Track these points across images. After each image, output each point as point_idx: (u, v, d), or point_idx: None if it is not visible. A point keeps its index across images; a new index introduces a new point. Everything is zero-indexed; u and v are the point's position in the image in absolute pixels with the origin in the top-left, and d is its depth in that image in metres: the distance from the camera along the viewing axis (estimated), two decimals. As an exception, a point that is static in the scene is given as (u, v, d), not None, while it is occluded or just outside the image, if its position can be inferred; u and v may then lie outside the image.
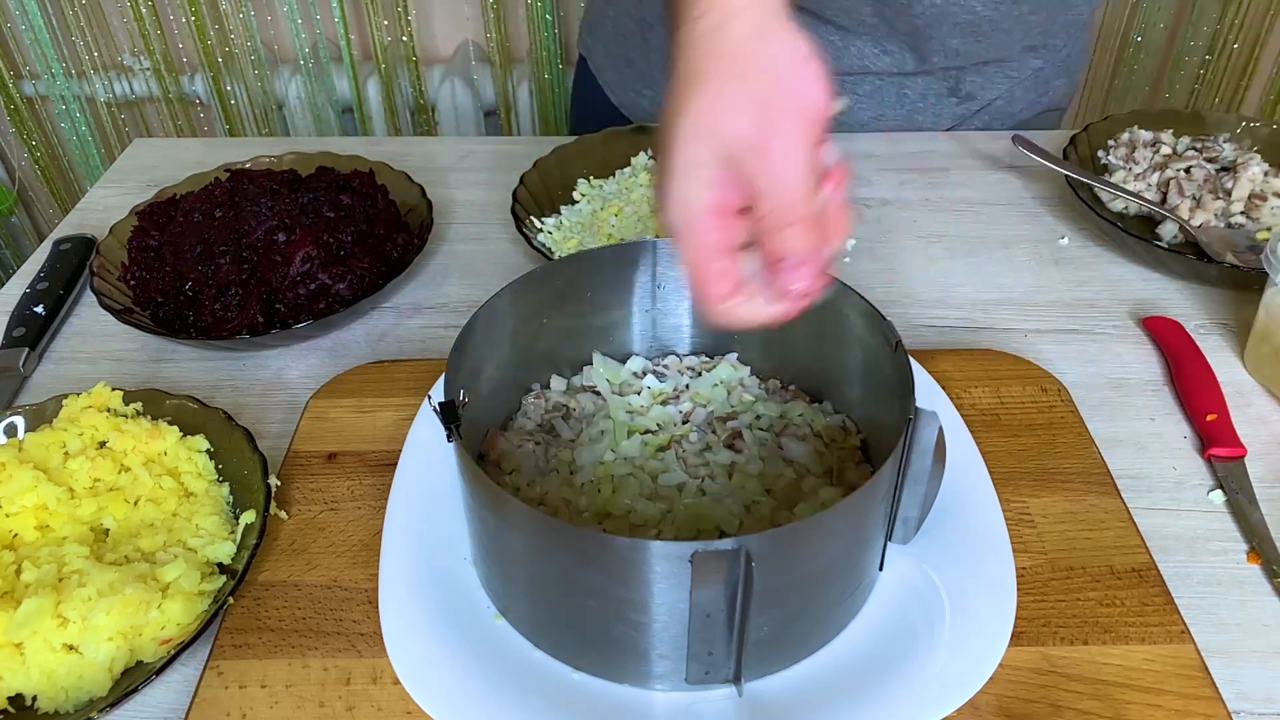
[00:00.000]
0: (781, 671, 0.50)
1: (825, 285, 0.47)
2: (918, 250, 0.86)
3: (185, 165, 0.92)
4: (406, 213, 0.85)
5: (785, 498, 0.57)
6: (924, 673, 0.49)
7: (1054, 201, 0.91)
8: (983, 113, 1.03)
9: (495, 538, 0.51)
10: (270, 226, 0.76)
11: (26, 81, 1.73)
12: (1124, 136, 0.91)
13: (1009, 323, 0.77)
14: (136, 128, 1.81)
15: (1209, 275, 0.79)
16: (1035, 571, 0.56)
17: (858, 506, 0.46)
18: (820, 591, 0.49)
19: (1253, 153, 0.86)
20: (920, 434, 0.48)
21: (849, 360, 0.59)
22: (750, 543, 0.42)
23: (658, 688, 0.50)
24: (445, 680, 0.50)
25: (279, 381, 0.73)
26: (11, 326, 0.76)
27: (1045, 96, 1.04)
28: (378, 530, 0.58)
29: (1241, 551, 0.58)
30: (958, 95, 1.01)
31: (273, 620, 0.55)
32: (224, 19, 1.65)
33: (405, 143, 1.05)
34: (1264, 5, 1.58)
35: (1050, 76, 1.03)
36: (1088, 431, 0.65)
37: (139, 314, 0.75)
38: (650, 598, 0.45)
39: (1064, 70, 1.04)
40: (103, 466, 0.60)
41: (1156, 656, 0.52)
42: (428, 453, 0.61)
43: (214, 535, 0.58)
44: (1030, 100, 1.03)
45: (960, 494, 0.57)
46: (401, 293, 0.82)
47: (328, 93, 1.72)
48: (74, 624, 0.51)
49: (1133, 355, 0.74)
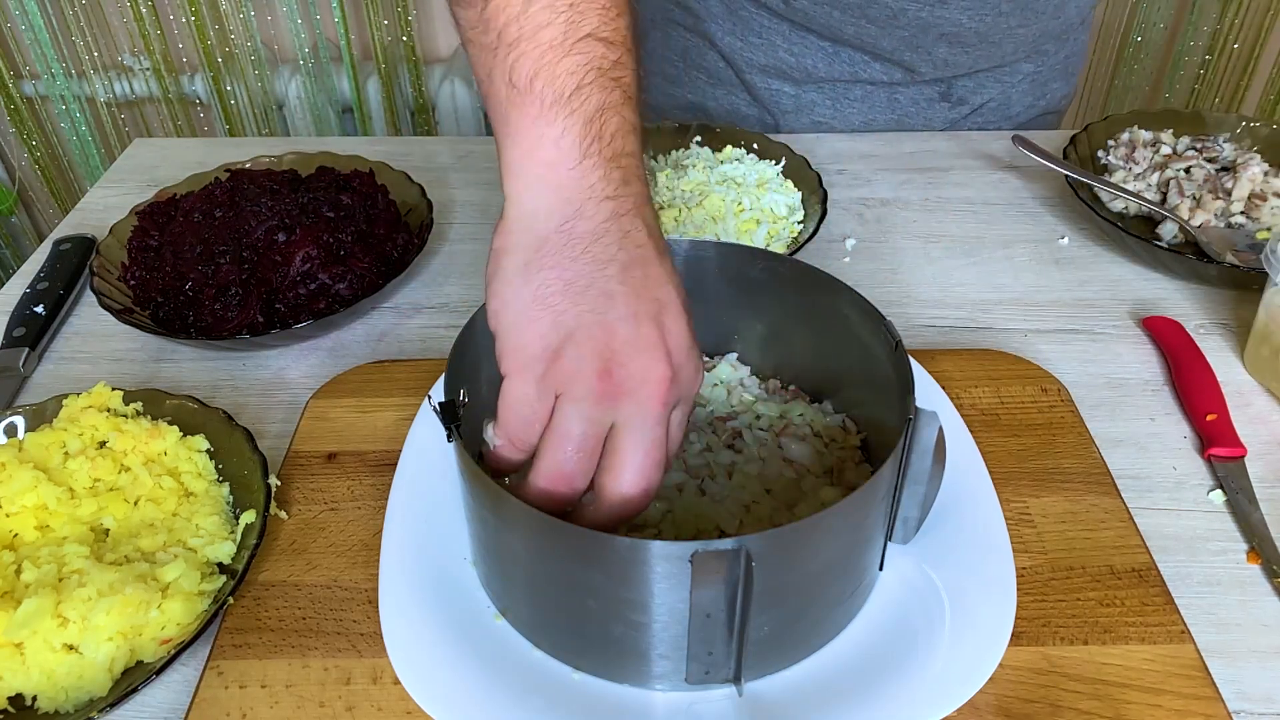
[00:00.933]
0: (781, 671, 0.50)
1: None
2: (918, 250, 0.86)
3: (185, 165, 0.92)
4: (406, 213, 0.85)
5: (785, 498, 0.57)
6: (924, 673, 0.49)
7: (1054, 201, 0.91)
8: (975, 116, 1.02)
9: (495, 538, 0.51)
10: (270, 226, 0.76)
11: (26, 81, 1.73)
12: (1124, 136, 0.91)
13: (1009, 323, 0.77)
14: (136, 128, 1.81)
15: (1209, 275, 0.79)
16: (1035, 571, 0.56)
17: (858, 506, 0.46)
18: (820, 591, 0.49)
19: (1253, 153, 0.86)
20: (920, 434, 0.48)
21: (849, 360, 0.59)
22: (750, 543, 0.42)
23: (658, 688, 0.50)
24: (445, 680, 0.50)
25: (279, 381, 0.73)
26: (11, 326, 0.76)
27: (1042, 100, 1.04)
28: (378, 530, 0.58)
29: (1241, 551, 0.58)
30: (949, 100, 1.01)
31: (273, 620, 0.55)
32: (224, 19, 1.65)
33: (405, 143, 1.05)
34: (1264, 5, 1.58)
35: (1047, 80, 1.02)
36: (1087, 431, 0.65)
37: (139, 314, 0.75)
38: (650, 598, 0.45)
39: (1061, 73, 1.04)
40: (103, 466, 0.60)
41: (1156, 656, 0.52)
42: (428, 453, 0.61)
43: (214, 535, 0.58)
44: (1026, 104, 1.03)
45: (960, 494, 0.57)
46: (401, 293, 0.82)
47: (328, 93, 1.72)
48: (74, 624, 0.51)
49: (1133, 355, 0.74)
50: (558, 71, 0.45)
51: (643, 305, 0.45)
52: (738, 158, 0.90)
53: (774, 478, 0.58)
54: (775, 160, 0.89)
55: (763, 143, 0.91)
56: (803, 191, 0.87)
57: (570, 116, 0.45)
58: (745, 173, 0.87)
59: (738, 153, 0.91)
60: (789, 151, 0.89)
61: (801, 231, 0.82)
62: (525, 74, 0.45)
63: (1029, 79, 1.01)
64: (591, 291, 0.45)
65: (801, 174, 0.87)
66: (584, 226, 0.45)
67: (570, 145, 0.45)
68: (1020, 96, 1.02)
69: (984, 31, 0.91)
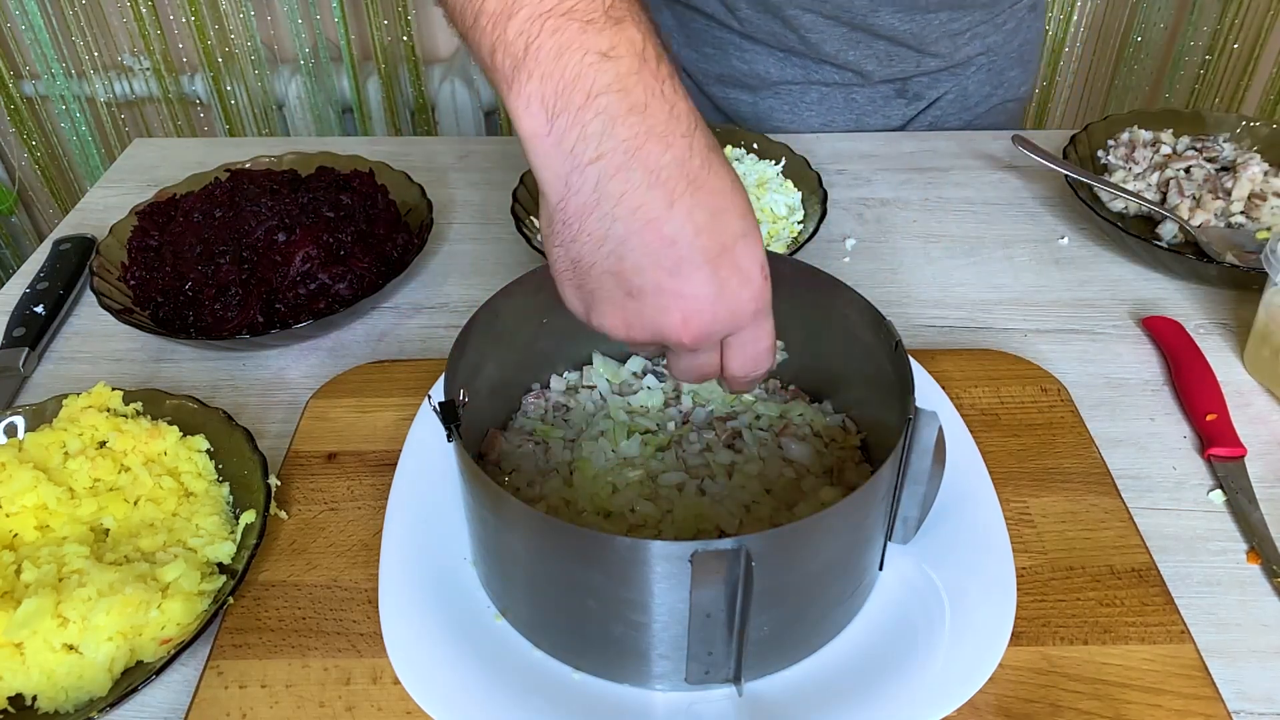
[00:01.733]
0: (781, 671, 0.50)
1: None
2: (918, 250, 0.86)
3: (185, 165, 0.92)
4: (406, 213, 0.85)
5: (785, 498, 0.57)
6: (924, 673, 0.49)
7: (1054, 201, 0.91)
8: (934, 109, 1.03)
9: (495, 538, 0.51)
10: (270, 226, 0.76)
11: (26, 81, 1.73)
12: (1124, 136, 0.91)
13: (1009, 323, 0.77)
14: (136, 128, 1.81)
15: (1209, 275, 0.79)
16: (1035, 571, 0.56)
17: (858, 506, 0.46)
18: (820, 591, 0.49)
19: (1253, 152, 0.86)
20: (920, 434, 0.48)
21: (849, 360, 0.59)
22: (750, 543, 0.42)
23: (658, 688, 0.50)
24: (445, 680, 0.50)
25: (279, 381, 0.73)
26: (11, 326, 0.76)
27: (1000, 89, 1.05)
28: (378, 530, 0.58)
29: (1241, 551, 0.58)
30: (905, 97, 1.02)
31: (273, 620, 0.55)
32: (224, 19, 1.65)
33: (405, 143, 1.05)
34: (1264, 5, 1.58)
35: (1002, 69, 1.03)
36: (1087, 431, 0.65)
37: (139, 314, 0.75)
38: (650, 598, 0.45)
39: (1017, 61, 1.04)
40: (103, 466, 0.60)
41: (1156, 656, 0.52)
42: (428, 453, 0.61)
43: (214, 535, 0.58)
44: (984, 94, 1.04)
45: (960, 494, 0.57)
46: (401, 293, 0.82)
47: (328, 93, 1.72)
48: (74, 624, 0.51)
49: (1133, 355, 0.74)
50: (509, 37, 0.42)
51: (651, 273, 0.43)
52: (738, 158, 0.90)
53: (774, 478, 0.58)
54: (775, 160, 0.90)
55: (762, 143, 0.91)
56: (803, 191, 0.87)
57: (530, 81, 0.42)
58: (745, 173, 0.87)
59: (738, 153, 0.91)
60: (789, 151, 0.89)
61: (801, 231, 0.82)
62: (487, 51, 0.43)
63: (984, 69, 1.02)
64: (595, 271, 0.44)
65: (801, 174, 0.87)
66: (575, 203, 0.43)
67: (538, 111, 0.42)
68: (977, 87, 1.03)
69: (918, 32, 0.93)
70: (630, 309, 0.44)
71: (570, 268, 0.45)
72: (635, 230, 0.42)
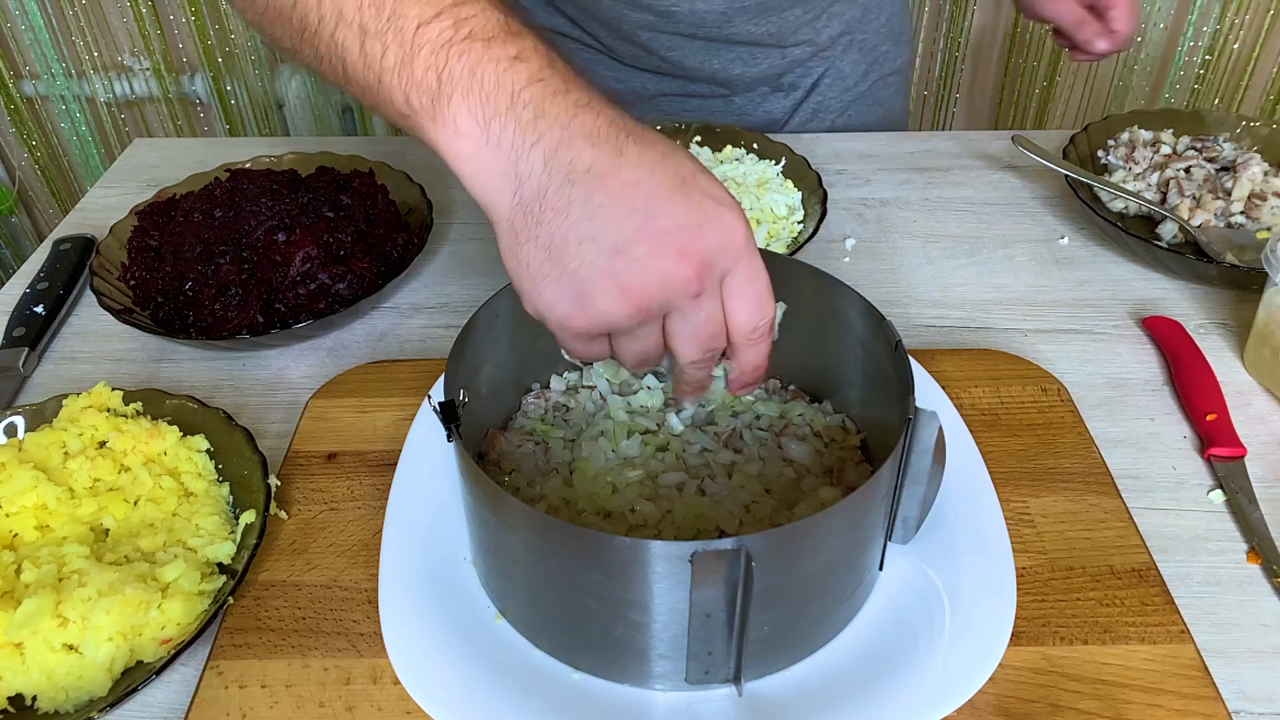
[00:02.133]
0: (781, 671, 0.50)
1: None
2: (918, 250, 0.86)
3: (185, 165, 0.92)
4: (406, 213, 0.85)
5: (785, 498, 0.57)
6: (924, 673, 0.49)
7: (1054, 201, 0.91)
8: (815, 95, 1.04)
9: (495, 538, 0.51)
10: (270, 226, 0.76)
11: (26, 81, 1.73)
12: (1124, 136, 0.91)
13: (1009, 323, 0.77)
14: (136, 128, 1.81)
15: (1209, 275, 0.79)
16: (1035, 571, 0.56)
17: (858, 506, 0.46)
18: (820, 591, 0.49)
19: (1253, 152, 0.86)
20: (920, 434, 0.48)
21: (849, 360, 0.59)
22: (750, 543, 0.42)
23: (658, 688, 0.50)
24: (445, 680, 0.50)
25: (279, 381, 0.73)
26: (11, 326, 0.76)
27: (876, 65, 1.05)
28: (378, 530, 0.58)
29: (1241, 551, 0.58)
30: (782, 90, 1.03)
31: (273, 620, 0.55)
32: (224, 19, 1.65)
33: (405, 143, 1.05)
34: (1264, 5, 1.58)
35: (874, 44, 1.04)
36: (1087, 431, 0.65)
37: (139, 314, 0.75)
38: (650, 598, 0.45)
39: (887, 36, 1.05)
40: (103, 466, 0.60)
41: (1156, 656, 0.52)
42: (428, 453, 0.61)
43: (214, 535, 0.58)
44: (861, 72, 1.05)
45: (960, 494, 0.57)
46: (401, 293, 0.82)
47: (328, 93, 1.72)
48: (74, 624, 0.51)
49: (1133, 355, 0.74)
50: (417, 76, 0.44)
51: (625, 221, 0.43)
52: (737, 158, 0.90)
53: (774, 478, 0.58)
54: (775, 160, 0.90)
55: (762, 143, 0.91)
56: (802, 191, 0.87)
57: (451, 103, 0.44)
58: (745, 173, 0.87)
59: (737, 153, 0.91)
60: (789, 151, 0.89)
61: (801, 231, 0.82)
62: (400, 100, 0.45)
63: (854, 48, 1.02)
64: (570, 243, 0.44)
65: (801, 174, 0.87)
66: (530, 189, 0.44)
67: (469, 127, 0.44)
68: (851, 67, 1.04)
69: (776, 31, 0.94)
70: (621, 269, 0.43)
71: (546, 258, 0.44)
72: (595, 186, 0.43)
